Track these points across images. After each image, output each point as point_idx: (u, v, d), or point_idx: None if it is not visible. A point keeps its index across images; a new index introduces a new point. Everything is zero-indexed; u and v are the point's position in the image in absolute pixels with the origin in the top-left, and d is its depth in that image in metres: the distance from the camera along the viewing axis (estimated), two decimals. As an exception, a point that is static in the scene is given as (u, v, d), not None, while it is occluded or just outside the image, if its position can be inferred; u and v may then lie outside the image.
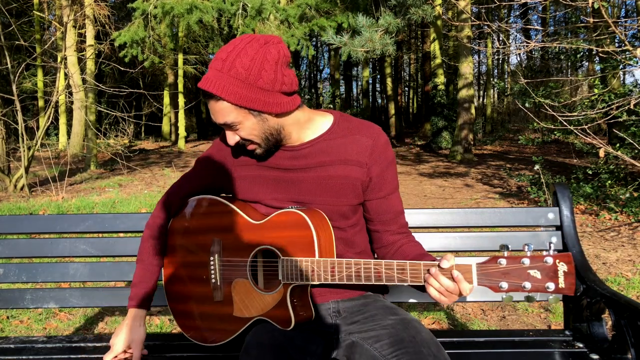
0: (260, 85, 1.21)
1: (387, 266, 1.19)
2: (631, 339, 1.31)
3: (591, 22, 4.25)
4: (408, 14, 7.41)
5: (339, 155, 1.34)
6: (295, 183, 1.35)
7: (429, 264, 1.16)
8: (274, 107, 1.24)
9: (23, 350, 1.62)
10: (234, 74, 1.20)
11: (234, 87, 1.20)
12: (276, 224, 1.29)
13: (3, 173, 8.12)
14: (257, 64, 1.20)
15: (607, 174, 6.19)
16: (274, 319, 1.28)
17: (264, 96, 1.22)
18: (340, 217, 1.36)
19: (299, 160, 1.34)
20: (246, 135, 1.27)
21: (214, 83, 1.20)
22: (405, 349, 1.20)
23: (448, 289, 1.13)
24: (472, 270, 1.11)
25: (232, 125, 1.26)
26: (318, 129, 1.36)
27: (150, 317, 3.11)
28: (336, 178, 1.33)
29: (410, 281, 1.18)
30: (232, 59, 1.20)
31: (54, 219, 1.75)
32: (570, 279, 1.03)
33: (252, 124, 1.25)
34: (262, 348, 1.20)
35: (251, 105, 1.22)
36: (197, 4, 8.72)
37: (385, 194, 1.38)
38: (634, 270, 3.87)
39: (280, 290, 1.27)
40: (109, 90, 9.75)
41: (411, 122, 31.70)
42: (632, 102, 4.18)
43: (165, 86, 20.95)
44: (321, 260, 1.23)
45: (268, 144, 1.30)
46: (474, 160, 12.01)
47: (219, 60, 1.22)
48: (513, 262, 1.08)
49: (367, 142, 1.35)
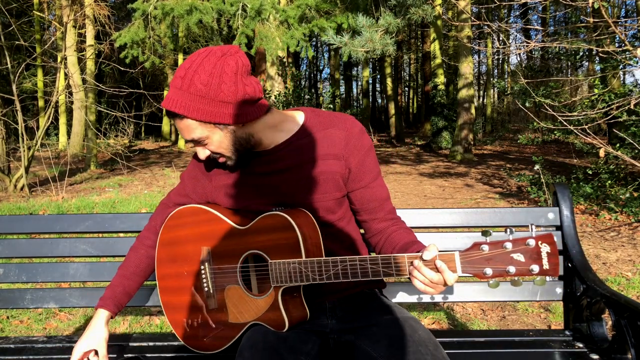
0: (221, 98, 1.20)
1: (372, 261, 1.19)
2: (631, 339, 1.31)
3: (591, 22, 4.25)
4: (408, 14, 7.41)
5: (314, 151, 1.34)
6: (276, 186, 1.35)
7: (413, 256, 1.16)
8: (239, 118, 1.23)
9: (23, 350, 1.62)
10: (194, 90, 1.19)
11: (195, 104, 1.19)
12: (261, 227, 1.29)
13: (3, 173, 8.12)
14: (216, 78, 1.19)
15: (607, 174, 6.19)
16: (268, 322, 1.28)
17: (227, 109, 1.21)
18: (326, 212, 1.36)
19: (275, 163, 1.34)
20: (215, 149, 1.28)
21: (175, 102, 1.21)
22: (402, 348, 1.20)
23: (432, 281, 1.13)
24: (456, 258, 1.11)
25: (201, 141, 1.26)
26: (290, 129, 1.35)
27: (150, 317, 3.11)
28: (316, 175, 1.33)
29: (395, 275, 1.18)
30: (191, 75, 1.19)
31: (54, 219, 1.75)
32: (553, 260, 1.03)
33: (219, 137, 1.25)
34: (254, 350, 1.20)
35: (215, 119, 1.21)
36: (197, 5, 8.72)
37: (367, 183, 1.38)
38: (634, 270, 3.87)
39: (272, 294, 1.27)
40: (109, 90, 9.76)
41: (411, 122, 31.70)
42: (632, 102, 4.18)
43: (165, 86, 20.95)
44: (308, 261, 1.23)
45: (239, 154, 1.30)
46: (474, 160, 12.01)
47: (178, 79, 1.21)
48: (495, 247, 1.07)
49: (341, 134, 1.34)
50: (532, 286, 1.71)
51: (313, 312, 1.37)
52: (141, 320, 3.09)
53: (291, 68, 12.68)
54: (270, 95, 11.60)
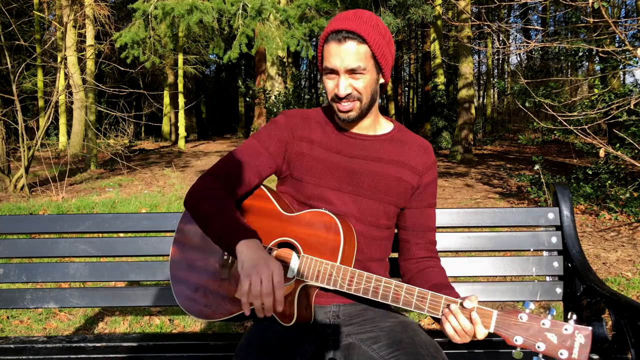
0: (390, 49, 1.31)
1: (407, 291, 1.19)
2: (631, 339, 1.31)
3: (591, 22, 4.25)
4: (408, 14, 7.41)
5: (396, 157, 1.39)
6: (355, 172, 1.36)
7: (451, 300, 1.16)
8: (387, 72, 1.33)
9: (23, 350, 1.62)
10: (377, 27, 1.27)
11: (378, 38, 1.26)
12: (305, 220, 1.30)
13: (3, 173, 8.12)
14: (388, 31, 1.32)
15: (607, 174, 6.19)
16: (275, 312, 1.27)
17: (389, 58, 1.31)
18: (384, 215, 1.38)
19: (359, 149, 1.38)
20: (361, 87, 1.28)
21: (360, 27, 1.24)
22: (403, 349, 1.20)
23: (464, 329, 1.13)
24: (493, 317, 1.11)
25: (358, 72, 1.26)
26: (380, 128, 1.42)
27: (150, 317, 3.11)
28: (391, 177, 1.37)
29: (427, 311, 1.18)
30: (370, 15, 1.28)
31: (54, 219, 1.75)
32: (584, 352, 1.04)
33: (371, 78, 1.29)
34: (250, 350, 1.20)
35: (382, 60, 1.28)
36: (197, 5, 8.72)
37: (425, 205, 1.43)
38: (634, 270, 3.87)
39: (291, 285, 1.27)
40: (109, 90, 9.74)
41: (411, 122, 31.68)
42: (632, 102, 4.18)
43: (165, 86, 20.96)
44: (342, 267, 1.23)
45: (366, 107, 1.32)
46: (474, 160, 12.01)
47: (357, 14, 1.27)
48: (533, 320, 1.09)
49: (422, 154, 1.42)
50: (532, 286, 1.71)
51: (316, 313, 1.37)
52: (141, 320, 3.09)
53: (291, 68, 12.67)
54: (271, 95, 11.59)
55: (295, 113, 1.43)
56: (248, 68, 28.44)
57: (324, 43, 1.29)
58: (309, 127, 1.40)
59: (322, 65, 1.31)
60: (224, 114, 29.51)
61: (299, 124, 1.40)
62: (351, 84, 1.28)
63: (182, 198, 7.39)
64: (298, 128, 1.39)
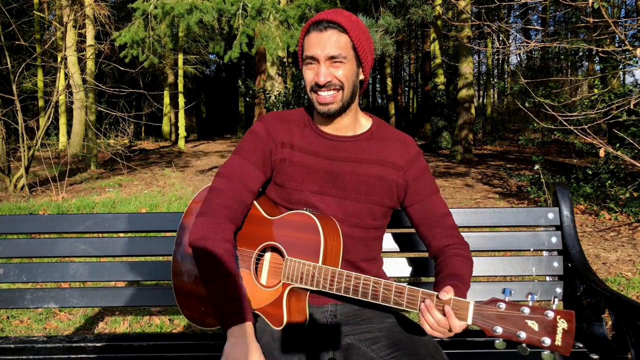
0: (370, 46, 1.35)
1: (385, 287, 1.18)
2: (631, 339, 1.31)
3: (591, 22, 4.25)
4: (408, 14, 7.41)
5: (376, 155, 1.37)
6: (335, 174, 1.36)
7: (427, 293, 1.14)
8: (367, 68, 1.35)
9: (23, 350, 1.62)
10: (357, 24, 1.30)
11: (359, 32, 1.30)
12: (288, 223, 1.30)
13: (3, 173, 8.11)
14: (368, 32, 1.35)
15: (607, 174, 6.19)
16: (266, 316, 1.28)
17: (369, 54, 1.34)
18: (369, 216, 1.36)
19: (338, 151, 1.37)
20: (342, 76, 1.29)
21: (342, 19, 1.27)
22: (403, 350, 1.20)
23: (439, 323, 1.11)
24: (469, 307, 1.08)
25: (338, 59, 1.27)
26: (360, 127, 1.41)
27: (150, 317, 3.11)
28: (372, 177, 1.35)
29: (405, 306, 1.16)
30: (355, 17, 1.32)
31: (54, 219, 1.75)
32: (568, 339, 0.99)
33: (352, 68, 1.31)
34: None
35: (362, 52, 1.31)
36: (197, 5, 8.71)
37: (425, 196, 1.39)
38: (634, 270, 3.87)
39: (279, 289, 1.27)
40: (109, 90, 9.73)
41: (411, 122, 31.67)
42: (632, 102, 4.18)
43: (165, 86, 20.96)
44: (323, 268, 1.23)
45: (347, 100, 1.32)
46: (474, 160, 12.00)
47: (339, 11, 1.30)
48: (512, 308, 1.05)
49: (403, 148, 1.40)
50: (532, 286, 1.71)
51: (313, 314, 1.37)
52: (141, 320, 3.09)
53: (291, 68, 12.66)
54: (270, 95, 11.59)
55: (273, 118, 1.41)
56: (248, 68, 28.44)
57: (304, 36, 1.31)
58: (288, 130, 1.39)
59: (302, 56, 1.31)
60: (224, 114, 29.50)
61: (278, 129, 1.39)
62: (331, 72, 1.27)
63: (182, 198, 7.39)
64: (278, 134, 1.38)
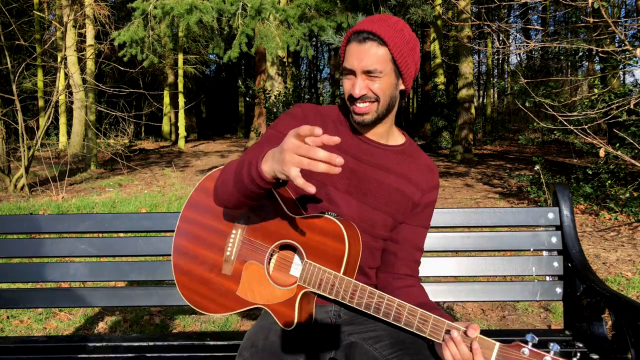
0: (413, 55, 1.30)
1: (410, 312, 1.18)
2: (631, 339, 1.31)
3: (591, 22, 4.25)
4: (408, 14, 7.41)
5: (404, 170, 1.38)
6: (360, 176, 1.36)
7: (453, 326, 1.14)
8: (409, 79, 1.32)
9: (23, 350, 1.62)
10: (401, 33, 1.26)
11: (399, 41, 1.26)
12: (311, 225, 1.28)
13: (3, 173, 8.11)
14: (415, 38, 1.31)
15: (607, 173, 6.19)
16: (276, 313, 1.27)
17: (411, 64, 1.30)
18: (382, 226, 1.37)
19: (368, 155, 1.37)
20: (378, 90, 1.27)
21: (382, 30, 1.24)
22: (406, 349, 1.20)
23: (463, 358, 1.11)
24: (494, 349, 1.10)
25: (374, 74, 1.25)
26: (393, 139, 1.42)
27: (150, 317, 3.11)
28: (393, 189, 1.36)
29: (428, 335, 1.17)
30: (397, 21, 1.28)
31: (54, 219, 1.75)
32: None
33: (389, 82, 1.28)
34: (254, 350, 1.20)
35: (402, 64, 1.27)
36: (197, 4, 8.71)
37: (420, 224, 1.42)
38: (634, 270, 3.87)
39: (293, 289, 1.27)
40: (109, 90, 9.73)
41: (411, 122, 31.67)
42: (632, 102, 4.18)
43: (165, 86, 20.95)
44: (345, 279, 1.22)
45: (383, 111, 1.31)
46: (474, 160, 12.00)
47: (383, 18, 1.27)
48: (535, 356, 1.06)
49: (429, 174, 1.42)
50: (532, 286, 1.71)
51: (317, 313, 1.37)
52: (141, 320, 3.09)
53: (291, 68, 12.66)
54: (270, 95, 11.59)
55: (311, 108, 1.42)
56: (248, 68, 28.43)
57: (346, 44, 1.29)
58: (323, 124, 1.39)
59: (342, 64, 1.31)
60: (224, 114, 29.49)
61: (314, 119, 1.40)
62: (367, 84, 1.26)
63: (182, 198, 7.39)
64: (313, 122, 1.39)
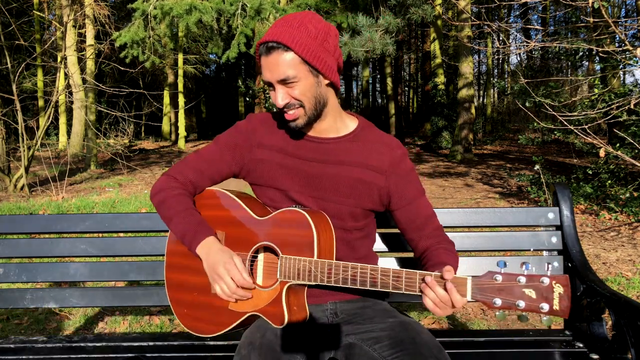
0: (326, 46, 1.25)
1: (383, 272, 1.19)
2: (631, 339, 1.31)
3: (591, 22, 4.25)
4: (408, 14, 7.41)
5: (359, 158, 1.36)
6: (315, 176, 1.36)
7: (425, 274, 1.15)
8: (331, 72, 1.27)
9: (23, 350, 1.62)
10: (304, 30, 1.23)
11: (304, 39, 1.22)
12: (278, 221, 1.30)
13: (3, 173, 8.11)
14: (324, 28, 1.26)
15: (607, 173, 6.19)
16: (267, 315, 1.28)
17: (327, 57, 1.25)
18: (350, 217, 1.37)
19: (320, 153, 1.36)
20: (299, 95, 1.25)
21: (284, 34, 1.21)
22: (405, 350, 1.20)
23: (441, 300, 1.12)
24: (467, 283, 1.11)
25: (289, 81, 1.24)
26: (344, 128, 1.39)
27: (150, 317, 3.11)
28: (354, 179, 1.35)
29: (404, 289, 1.17)
30: (301, 18, 1.24)
31: (54, 219, 1.75)
32: (565, 302, 1.03)
33: (308, 83, 1.25)
34: (252, 347, 1.21)
35: (315, 62, 1.23)
36: (196, 5, 8.71)
37: (411, 200, 1.39)
38: (634, 270, 3.87)
39: (277, 288, 1.28)
40: (109, 90, 9.74)
41: (411, 122, 31.68)
42: (632, 102, 4.18)
43: (165, 86, 20.95)
44: (319, 261, 1.24)
45: (313, 112, 1.29)
46: (474, 160, 12.00)
47: (287, 18, 1.24)
48: (509, 279, 1.07)
49: (387, 151, 1.38)
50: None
51: (313, 312, 1.37)
52: (141, 320, 3.09)
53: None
54: (270, 95, 11.58)
55: (256, 118, 1.43)
56: (248, 68, 28.43)
57: (259, 58, 1.28)
58: (269, 131, 1.40)
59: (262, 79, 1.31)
60: (224, 114, 29.48)
61: (258, 129, 1.40)
62: (287, 92, 1.26)
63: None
64: (255, 135, 1.40)
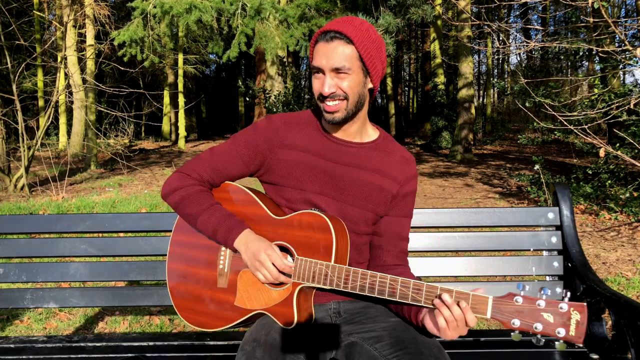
0: (380, 55, 1.33)
1: (403, 284, 1.20)
2: (631, 338, 1.31)
3: (591, 22, 4.25)
4: (408, 14, 7.42)
5: (378, 165, 1.40)
6: (338, 178, 1.37)
7: (445, 290, 1.16)
8: (377, 78, 1.35)
9: (23, 350, 1.62)
10: (367, 32, 1.29)
11: (365, 39, 1.28)
12: (296, 222, 1.30)
13: (3, 173, 8.11)
14: (380, 38, 1.35)
15: (607, 173, 6.19)
16: (275, 315, 1.28)
17: (378, 64, 1.33)
18: (364, 222, 1.38)
19: (342, 155, 1.39)
20: (346, 87, 1.29)
21: (349, 29, 1.27)
22: (406, 349, 1.20)
23: (456, 317, 1.12)
24: (489, 302, 1.13)
25: (342, 71, 1.28)
26: (367, 136, 1.43)
27: (150, 317, 3.11)
28: (371, 185, 1.38)
29: (424, 302, 1.18)
30: (363, 21, 1.31)
31: (54, 219, 1.75)
32: (581, 329, 1.06)
33: (357, 79, 1.30)
34: (256, 344, 1.21)
35: (369, 62, 1.30)
36: (196, 4, 8.71)
37: (401, 215, 1.43)
38: (634, 270, 3.87)
39: (289, 288, 1.27)
40: (109, 90, 9.73)
41: (411, 122, 31.69)
42: (632, 102, 4.18)
43: (165, 86, 20.95)
44: (336, 266, 1.24)
45: (352, 109, 1.32)
46: (474, 160, 12.00)
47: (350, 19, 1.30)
48: (529, 302, 1.10)
49: (404, 165, 1.43)
50: (532, 286, 1.71)
51: (317, 312, 1.38)
52: (141, 320, 3.09)
53: (291, 68, 12.66)
54: (270, 95, 11.59)
55: (278, 119, 1.43)
56: (248, 68, 28.44)
57: (314, 45, 1.32)
58: (292, 131, 1.40)
59: (311, 65, 1.33)
60: (224, 114, 29.50)
61: (281, 129, 1.40)
62: (336, 83, 1.29)
63: (182, 198, 7.38)
64: (278, 135, 1.40)
